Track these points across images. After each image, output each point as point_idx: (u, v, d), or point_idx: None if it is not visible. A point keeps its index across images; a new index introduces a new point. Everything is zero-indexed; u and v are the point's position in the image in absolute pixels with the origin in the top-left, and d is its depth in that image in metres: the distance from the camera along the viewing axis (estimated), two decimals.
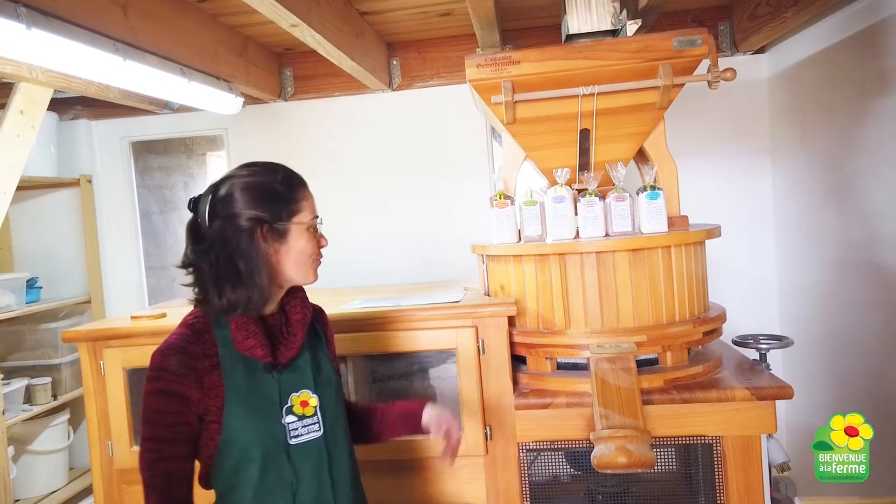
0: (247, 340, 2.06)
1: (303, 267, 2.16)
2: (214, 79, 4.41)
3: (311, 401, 2.14)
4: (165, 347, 2.04)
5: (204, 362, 2.03)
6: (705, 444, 2.90)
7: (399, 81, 5.39)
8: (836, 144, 4.20)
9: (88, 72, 3.38)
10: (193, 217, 2.16)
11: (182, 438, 2.02)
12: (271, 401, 2.08)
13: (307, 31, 3.61)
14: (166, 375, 1.99)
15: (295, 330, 2.18)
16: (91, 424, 3.22)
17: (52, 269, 5.71)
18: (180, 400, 1.99)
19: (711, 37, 3.07)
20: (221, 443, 2.02)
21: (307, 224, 2.16)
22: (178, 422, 2.00)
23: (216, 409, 2.02)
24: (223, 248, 2.05)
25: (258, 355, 2.07)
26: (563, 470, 3.15)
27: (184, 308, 3.62)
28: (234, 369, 2.05)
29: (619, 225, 3.11)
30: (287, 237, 2.12)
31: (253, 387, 2.06)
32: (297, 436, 2.10)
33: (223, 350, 2.06)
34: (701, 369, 3.03)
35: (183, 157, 5.82)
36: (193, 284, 2.15)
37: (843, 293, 4.25)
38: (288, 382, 2.12)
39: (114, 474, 3.21)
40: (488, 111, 3.30)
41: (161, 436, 2.00)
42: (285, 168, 2.23)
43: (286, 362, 2.13)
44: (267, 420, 2.06)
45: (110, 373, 3.15)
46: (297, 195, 2.16)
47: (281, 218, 2.10)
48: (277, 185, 2.14)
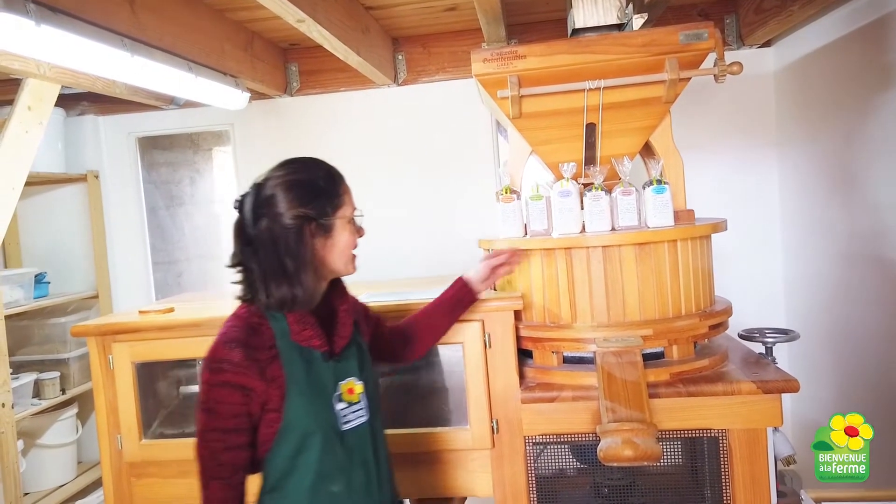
0: (304, 331, 2.14)
1: (345, 259, 2.26)
2: (221, 74, 4.42)
3: (356, 388, 2.24)
4: (226, 340, 2.10)
5: (264, 354, 2.10)
6: (711, 437, 2.90)
7: (404, 76, 5.40)
8: (843, 138, 4.20)
9: (96, 67, 3.40)
10: (239, 217, 2.21)
11: (244, 428, 2.09)
12: (326, 389, 2.17)
13: (313, 26, 3.62)
14: (229, 367, 2.06)
15: (344, 320, 2.28)
16: (100, 418, 3.23)
17: (59, 265, 5.73)
18: (243, 391, 2.06)
19: (717, 30, 3.06)
20: (281, 429, 2.10)
21: (349, 217, 2.26)
22: (241, 412, 2.07)
23: (277, 398, 2.09)
24: (271, 248, 2.12)
25: (315, 345, 2.16)
26: (569, 463, 3.15)
27: (191, 303, 3.66)
28: (292, 359, 2.12)
29: (626, 219, 3.11)
30: (332, 232, 2.20)
31: (310, 375, 2.14)
32: (348, 422, 2.20)
33: (281, 342, 2.13)
34: (707, 363, 3.03)
35: (189, 153, 5.84)
36: (242, 283, 2.22)
37: (850, 287, 4.25)
38: (339, 371, 2.22)
39: (123, 467, 3.23)
40: (494, 106, 3.30)
41: (225, 426, 2.07)
42: (325, 164, 2.31)
43: (338, 351, 2.23)
44: (323, 407, 2.15)
45: (119, 367, 3.17)
46: (340, 189, 2.26)
47: (326, 214, 2.18)
48: (320, 182, 2.22)
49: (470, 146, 5.33)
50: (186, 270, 5.92)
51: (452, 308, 2.85)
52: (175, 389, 3.63)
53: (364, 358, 2.35)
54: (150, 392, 3.39)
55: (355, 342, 2.33)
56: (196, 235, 5.88)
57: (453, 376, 3.14)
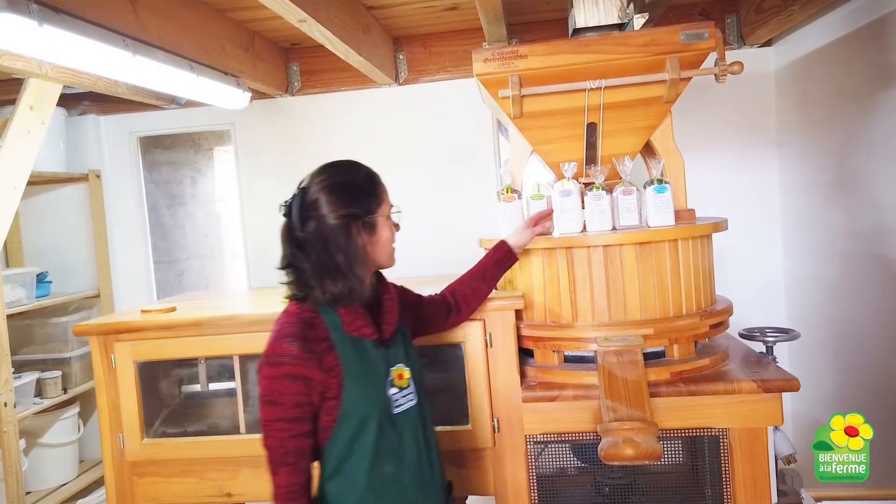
0: (355, 322, 2.29)
1: (387, 253, 2.41)
2: (222, 74, 4.43)
3: (405, 373, 2.38)
4: (283, 335, 2.22)
5: (320, 346, 2.23)
6: (712, 436, 2.91)
7: (405, 76, 5.41)
8: (843, 137, 4.21)
9: (98, 67, 3.40)
10: (287, 221, 2.34)
11: (306, 417, 2.22)
12: (379, 375, 2.31)
13: (315, 26, 3.63)
14: (289, 360, 2.18)
15: (389, 308, 2.43)
16: (102, 417, 3.24)
17: (61, 264, 5.74)
18: (304, 381, 2.18)
19: (718, 30, 3.06)
20: (340, 416, 2.24)
21: (388, 214, 2.40)
22: (303, 402, 2.19)
23: (335, 387, 2.22)
24: (322, 247, 2.25)
25: (367, 334, 2.30)
26: (570, 462, 3.16)
27: (193, 302, 3.67)
28: (347, 350, 2.26)
29: (627, 218, 3.12)
30: (376, 228, 2.34)
31: (364, 363, 2.28)
32: (399, 405, 2.34)
33: (335, 334, 2.26)
34: (708, 362, 3.04)
35: (190, 152, 5.85)
36: (293, 283, 2.33)
37: (851, 286, 4.25)
38: (389, 357, 2.36)
39: (125, 466, 3.24)
40: (495, 105, 3.31)
41: (290, 416, 2.19)
42: (364, 165, 2.43)
43: (388, 338, 2.38)
44: (378, 393, 2.30)
45: (121, 366, 3.18)
46: (379, 189, 2.38)
47: (370, 212, 2.31)
48: (362, 183, 2.35)
49: (471, 146, 5.34)
50: (188, 270, 5.93)
51: (495, 270, 2.97)
52: (177, 389, 3.64)
53: (409, 344, 2.50)
54: (152, 391, 3.40)
55: (400, 330, 2.47)
56: (197, 235, 5.89)
57: (454, 375, 3.15)
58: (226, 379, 3.54)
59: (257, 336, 3.14)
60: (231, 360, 3.24)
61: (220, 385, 3.60)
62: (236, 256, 5.83)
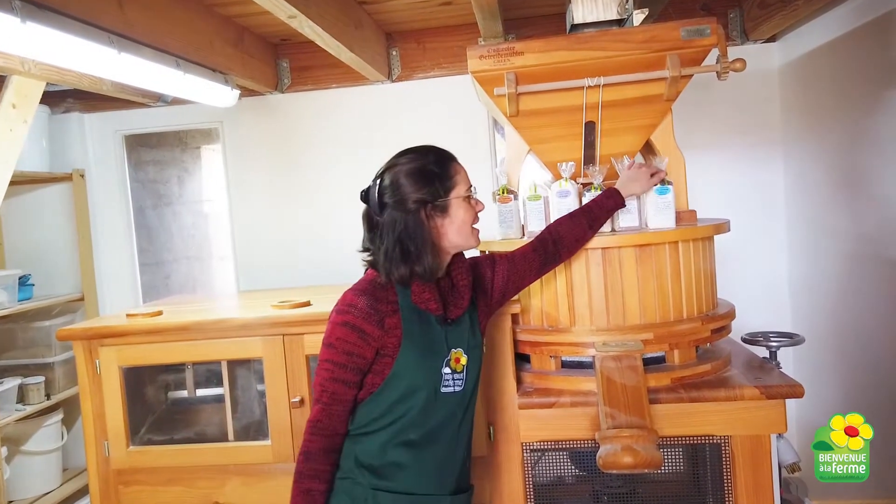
0: (423, 293, 2.41)
1: (464, 234, 2.48)
2: (210, 71, 4.43)
3: (462, 359, 2.47)
4: (356, 290, 2.42)
5: (387, 307, 2.39)
6: (713, 443, 2.92)
7: (399, 72, 5.41)
8: (850, 136, 4.21)
9: (83, 65, 3.41)
10: (367, 207, 2.49)
11: (354, 367, 2.36)
12: (439, 351, 2.43)
13: (305, 22, 3.63)
14: (354, 311, 2.36)
15: (462, 292, 2.53)
16: (87, 424, 3.25)
17: (44, 266, 5.73)
18: (361, 334, 2.35)
19: (720, 26, 3.07)
20: (390, 376, 2.37)
21: (464, 195, 2.48)
22: (355, 352, 2.35)
23: (392, 347, 2.37)
24: (392, 232, 2.39)
25: (432, 308, 2.42)
26: (567, 470, 3.17)
27: (180, 305, 3.68)
28: (412, 318, 2.40)
29: (626, 220, 3.13)
30: (449, 211, 2.44)
31: (426, 334, 2.41)
32: (447, 386, 2.44)
33: (402, 301, 2.41)
34: (709, 367, 3.05)
35: (177, 151, 5.85)
36: (371, 264, 2.49)
37: (857, 289, 4.26)
38: (451, 338, 2.46)
39: (110, 475, 3.25)
40: (491, 103, 3.31)
41: (338, 360, 2.35)
42: (436, 148, 2.59)
43: (454, 318, 2.48)
44: (432, 365, 2.41)
45: (106, 372, 3.19)
46: (451, 171, 2.50)
47: (440, 195, 2.43)
48: (432, 166, 2.47)
49: (466, 145, 5.31)
50: (174, 272, 5.93)
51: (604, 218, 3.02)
52: (164, 395, 3.65)
53: (475, 335, 2.57)
54: (137, 397, 3.41)
55: (470, 318, 2.56)
56: (184, 236, 5.89)
57: None
58: (214, 385, 3.55)
59: (246, 341, 3.15)
60: (219, 365, 3.25)
61: (207, 391, 3.62)
62: (224, 258, 5.83)
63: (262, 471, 3.21)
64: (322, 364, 2.37)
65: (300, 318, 3.15)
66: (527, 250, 2.83)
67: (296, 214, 5.53)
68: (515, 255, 2.80)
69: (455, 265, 2.56)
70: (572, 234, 2.89)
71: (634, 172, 3.08)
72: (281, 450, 3.19)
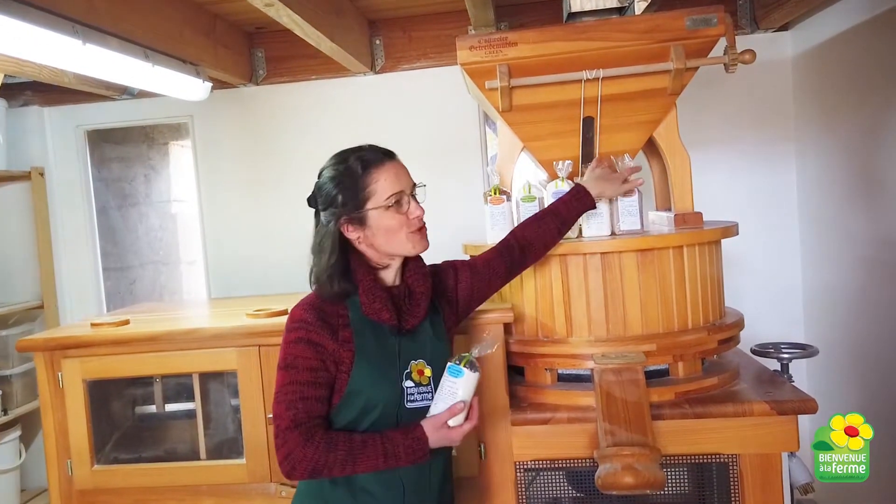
0: (373, 304, 2.41)
1: (397, 242, 2.49)
2: (180, 62, 4.43)
3: (426, 371, 2.48)
4: (303, 304, 2.45)
5: (337, 320, 2.41)
6: (720, 463, 2.93)
7: (383, 63, 5.42)
8: (867, 131, 4.23)
9: (45, 56, 3.41)
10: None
11: (321, 382, 2.37)
12: (393, 363, 2.43)
13: (283, 9, 3.63)
14: (306, 326, 2.38)
15: (418, 300, 2.51)
16: (48, 442, 3.25)
17: (0, 272, 5.72)
18: (318, 347, 2.36)
19: (728, 14, 3.08)
20: (346, 393, 2.38)
21: (383, 205, 2.45)
22: (316, 366, 2.36)
23: (348, 361, 2.38)
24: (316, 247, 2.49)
25: (384, 318, 2.42)
26: (564, 492, 3.18)
27: (147, 314, 3.69)
28: (364, 330, 2.41)
29: (627, 223, 3.15)
30: (367, 222, 2.45)
31: (379, 347, 2.42)
32: (413, 400, 2.44)
33: (353, 313, 2.43)
34: (716, 381, 3.07)
35: (143, 147, 5.85)
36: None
37: (875, 297, 4.27)
38: (408, 349, 2.47)
39: (74, 495, 3.25)
40: (482, 97, 3.32)
41: (302, 379, 2.35)
42: (359, 151, 2.60)
43: (410, 329, 2.48)
44: (388, 379, 2.41)
45: (69, 385, 3.19)
46: (368, 180, 2.47)
47: (357, 207, 2.43)
48: (346, 177, 2.48)
49: (455, 141, 5.34)
50: (140, 277, 5.92)
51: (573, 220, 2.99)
52: (130, 410, 3.65)
53: (437, 345, 2.54)
54: (103, 413, 3.41)
55: (433, 326, 2.56)
56: (151, 238, 5.88)
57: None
58: (184, 399, 3.55)
59: (218, 352, 3.16)
60: (190, 378, 3.25)
61: (177, 406, 3.62)
62: (194, 263, 5.82)
63: (237, 491, 3.21)
64: (284, 389, 2.35)
65: (277, 328, 3.09)
66: (491, 256, 2.84)
67: (271, 216, 5.52)
68: (478, 261, 2.81)
69: (411, 270, 2.57)
70: (541, 240, 2.90)
71: (603, 171, 3.08)
72: (256, 469, 3.20)
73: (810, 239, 5.07)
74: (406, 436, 2.32)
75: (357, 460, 2.29)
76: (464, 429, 2.35)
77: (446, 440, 2.35)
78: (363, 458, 2.29)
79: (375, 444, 2.30)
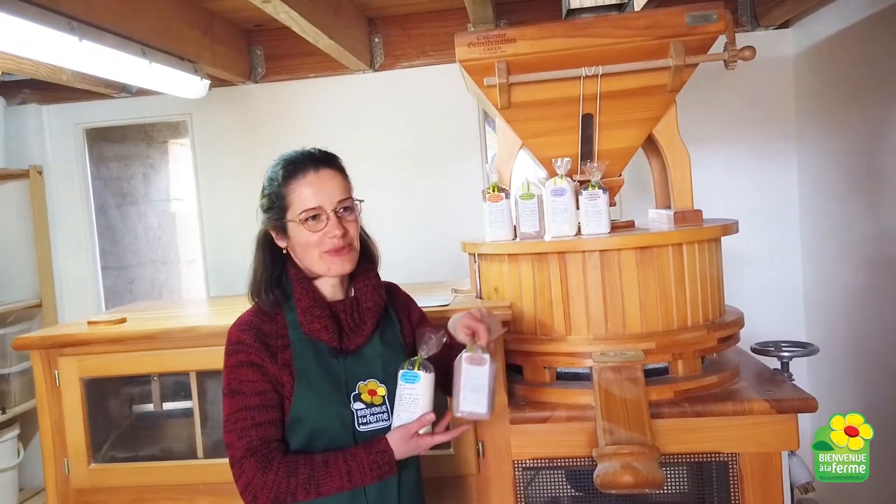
0: (312, 324, 2.28)
1: (309, 259, 2.32)
2: (178, 59, 4.42)
3: (379, 390, 2.32)
4: (240, 324, 2.33)
5: (276, 341, 2.28)
6: (720, 461, 2.93)
7: (381, 61, 5.42)
8: (869, 129, 4.23)
9: (42, 53, 3.40)
10: None
11: (271, 405, 2.24)
12: (339, 386, 2.28)
13: (281, 7, 3.63)
14: (245, 348, 2.25)
15: (365, 318, 2.37)
16: (45, 440, 3.24)
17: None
18: (261, 370, 2.24)
19: (728, 11, 3.08)
20: (290, 421, 2.25)
21: (298, 219, 2.29)
22: (265, 389, 2.24)
23: (289, 385, 2.25)
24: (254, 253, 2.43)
25: (324, 339, 2.28)
26: (563, 490, 3.17)
27: (145, 312, 3.67)
28: (304, 351, 2.28)
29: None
30: (288, 233, 2.34)
31: (321, 370, 2.27)
32: (366, 423, 2.30)
33: (293, 333, 2.30)
34: (715, 379, 3.06)
35: (142, 146, 5.85)
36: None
37: (877, 295, 4.27)
38: (355, 369, 2.32)
39: (70, 494, 3.23)
40: (481, 94, 3.32)
41: (251, 404, 2.22)
42: (290, 157, 2.47)
43: (354, 349, 2.33)
44: (333, 403, 2.27)
45: (66, 383, 3.18)
46: (286, 191, 2.34)
47: (280, 216, 2.33)
48: (271, 184, 2.38)
49: (454, 139, 5.34)
50: (139, 276, 5.92)
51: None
52: (128, 408, 3.64)
53: (392, 361, 2.35)
54: (100, 411, 3.40)
55: (381, 342, 2.39)
56: (150, 237, 5.88)
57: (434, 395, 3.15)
58: (181, 398, 3.54)
59: (216, 350, 3.11)
60: (187, 376, 3.24)
61: (175, 405, 3.61)
62: (193, 261, 5.82)
63: (234, 490, 3.16)
64: (233, 416, 2.22)
65: None
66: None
67: None
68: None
69: (361, 282, 2.43)
70: None
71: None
72: None
73: (810, 236, 5.06)
74: (370, 450, 2.20)
75: (320, 482, 2.17)
76: (435, 438, 2.26)
77: (416, 449, 2.25)
78: (326, 478, 2.17)
79: (338, 463, 2.18)
